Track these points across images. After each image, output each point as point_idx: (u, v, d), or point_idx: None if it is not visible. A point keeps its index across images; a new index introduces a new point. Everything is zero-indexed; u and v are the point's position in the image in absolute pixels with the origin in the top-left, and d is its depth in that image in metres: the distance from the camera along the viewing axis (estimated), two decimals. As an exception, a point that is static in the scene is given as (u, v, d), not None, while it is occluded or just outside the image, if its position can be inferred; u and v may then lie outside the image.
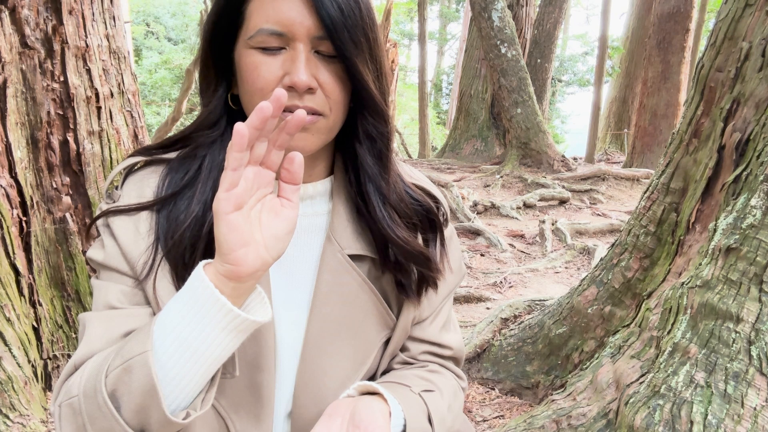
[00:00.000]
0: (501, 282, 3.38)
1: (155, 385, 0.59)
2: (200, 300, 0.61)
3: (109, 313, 0.71)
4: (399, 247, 0.78)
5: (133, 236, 0.72)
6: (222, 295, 0.60)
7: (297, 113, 0.58)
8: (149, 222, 0.73)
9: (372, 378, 0.87)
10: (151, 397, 0.59)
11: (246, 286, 0.63)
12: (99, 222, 0.76)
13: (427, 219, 0.83)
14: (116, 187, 0.78)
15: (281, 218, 0.63)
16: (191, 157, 0.76)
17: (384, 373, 0.88)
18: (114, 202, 0.76)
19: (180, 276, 0.71)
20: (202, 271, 0.62)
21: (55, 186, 2.00)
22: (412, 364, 0.89)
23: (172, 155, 0.78)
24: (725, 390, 1.20)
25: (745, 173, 1.42)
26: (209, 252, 0.71)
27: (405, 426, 0.73)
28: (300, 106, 0.68)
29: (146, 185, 0.76)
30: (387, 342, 0.85)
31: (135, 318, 0.70)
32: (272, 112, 0.56)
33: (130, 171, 0.79)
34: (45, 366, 2.01)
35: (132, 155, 0.81)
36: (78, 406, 0.63)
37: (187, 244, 0.71)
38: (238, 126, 0.56)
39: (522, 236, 4.42)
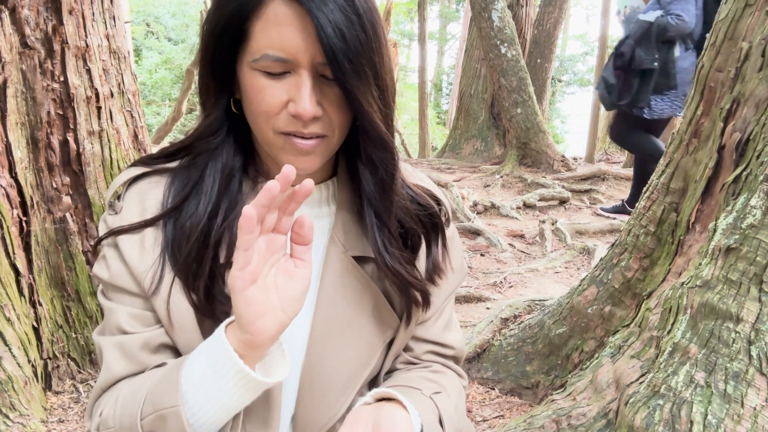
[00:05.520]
0: (501, 282, 3.38)
1: None
2: (225, 367, 0.65)
3: (121, 339, 0.73)
4: (389, 277, 0.78)
5: (138, 252, 0.72)
6: (246, 366, 0.65)
7: (305, 183, 0.59)
8: (154, 235, 0.73)
9: (375, 378, 0.87)
10: None
11: (266, 348, 0.67)
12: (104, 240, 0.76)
13: (429, 220, 0.83)
14: (118, 197, 0.78)
15: (296, 279, 0.65)
16: (193, 166, 0.76)
17: (387, 373, 0.88)
18: (116, 213, 0.76)
19: (190, 287, 0.72)
20: (225, 339, 0.65)
21: (55, 186, 2.00)
22: (415, 364, 0.89)
23: (174, 165, 0.78)
24: (725, 390, 1.20)
25: (745, 173, 1.42)
26: (216, 261, 0.72)
27: (421, 431, 0.73)
28: (305, 132, 0.69)
29: (149, 197, 0.76)
30: (390, 342, 0.85)
31: (149, 343, 0.73)
32: (279, 188, 0.57)
33: (131, 181, 0.79)
34: (45, 366, 2.01)
35: (133, 165, 0.80)
36: None
37: (194, 254, 0.71)
38: (247, 210, 0.57)
39: (522, 236, 4.42)
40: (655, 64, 3.69)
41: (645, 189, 1.93)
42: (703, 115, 1.72)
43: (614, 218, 4.58)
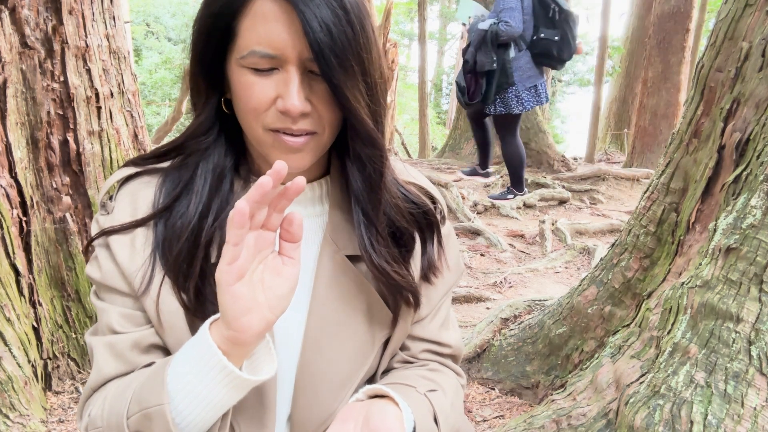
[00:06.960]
0: (501, 282, 3.37)
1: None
2: (209, 364, 0.64)
3: (112, 339, 0.73)
4: (375, 276, 0.78)
5: (129, 252, 0.73)
6: (230, 363, 0.64)
7: (296, 181, 0.59)
8: (144, 235, 0.73)
9: (372, 378, 0.87)
10: None
11: (252, 346, 0.66)
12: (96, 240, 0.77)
13: (424, 218, 0.83)
14: (110, 197, 0.78)
15: (283, 277, 0.65)
16: (184, 166, 0.76)
17: (384, 372, 0.88)
18: (108, 213, 0.76)
19: (180, 287, 0.71)
20: (208, 335, 0.64)
21: (55, 186, 2.01)
22: (412, 362, 0.88)
23: (166, 165, 0.78)
24: (725, 390, 1.20)
25: (745, 173, 1.42)
26: (206, 261, 0.72)
27: (414, 428, 0.73)
28: (294, 129, 0.68)
29: (140, 197, 0.76)
30: (387, 341, 0.85)
31: (139, 343, 0.73)
32: (272, 184, 0.57)
33: (123, 181, 0.79)
34: (45, 366, 2.01)
35: (125, 166, 0.80)
36: None
37: (184, 254, 0.71)
38: (239, 204, 0.57)
39: (522, 236, 4.42)
40: (494, 65, 4.23)
41: (645, 189, 1.93)
42: (703, 115, 1.72)
43: (482, 181, 5.14)
